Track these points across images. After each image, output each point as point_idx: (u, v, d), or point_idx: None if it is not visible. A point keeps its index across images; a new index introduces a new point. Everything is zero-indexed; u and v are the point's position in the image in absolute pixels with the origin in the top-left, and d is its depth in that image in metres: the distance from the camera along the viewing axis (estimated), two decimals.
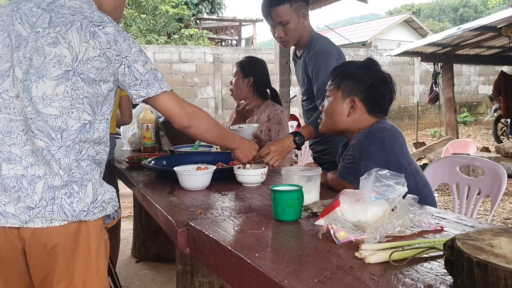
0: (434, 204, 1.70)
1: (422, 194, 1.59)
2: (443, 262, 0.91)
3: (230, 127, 2.59)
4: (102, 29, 1.32)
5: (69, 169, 1.30)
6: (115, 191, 1.44)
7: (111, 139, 2.62)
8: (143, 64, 1.38)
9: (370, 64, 1.76)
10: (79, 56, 1.29)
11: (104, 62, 1.32)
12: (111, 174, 2.57)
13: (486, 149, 7.19)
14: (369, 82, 1.70)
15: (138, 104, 2.91)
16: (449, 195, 5.14)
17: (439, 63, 8.00)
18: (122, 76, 1.36)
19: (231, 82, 2.85)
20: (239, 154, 1.79)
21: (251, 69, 2.76)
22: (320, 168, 1.62)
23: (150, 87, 1.39)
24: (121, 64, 1.35)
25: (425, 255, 1.01)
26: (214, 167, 1.85)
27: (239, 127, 2.48)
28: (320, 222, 1.25)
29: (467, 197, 2.25)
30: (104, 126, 1.39)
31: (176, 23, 14.73)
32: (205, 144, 2.66)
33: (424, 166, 4.48)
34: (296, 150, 2.22)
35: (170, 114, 1.49)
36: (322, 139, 2.32)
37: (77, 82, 1.29)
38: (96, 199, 1.35)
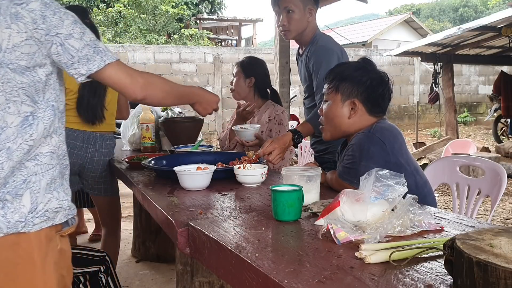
0: (434, 204, 1.70)
1: (422, 194, 1.60)
2: (443, 262, 0.91)
3: (232, 128, 2.60)
4: (26, 6, 1.16)
5: (11, 173, 1.18)
6: (69, 198, 1.31)
7: (111, 139, 2.63)
8: (80, 37, 1.22)
9: (366, 64, 1.75)
10: (3, 45, 1.14)
11: (34, 45, 1.18)
12: (111, 174, 2.57)
13: (486, 149, 7.19)
14: (368, 83, 1.70)
15: (138, 104, 2.91)
16: (449, 195, 5.14)
17: (439, 63, 8.00)
18: (56, 56, 1.22)
19: (231, 82, 2.85)
20: (198, 108, 1.72)
21: (253, 70, 2.76)
22: (320, 168, 1.62)
23: (91, 62, 1.23)
24: (52, 44, 1.20)
25: (425, 255, 1.01)
26: (214, 167, 1.85)
27: (241, 128, 2.48)
28: (320, 222, 1.25)
29: (467, 197, 2.25)
30: (49, 115, 1.24)
31: (176, 23, 14.73)
32: (205, 144, 2.66)
33: (424, 166, 4.48)
34: (295, 149, 2.23)
35: (120, 87, 1.34)
36: None
37: (7, 74, 1.16)
38: (36, 208, 1.21)
